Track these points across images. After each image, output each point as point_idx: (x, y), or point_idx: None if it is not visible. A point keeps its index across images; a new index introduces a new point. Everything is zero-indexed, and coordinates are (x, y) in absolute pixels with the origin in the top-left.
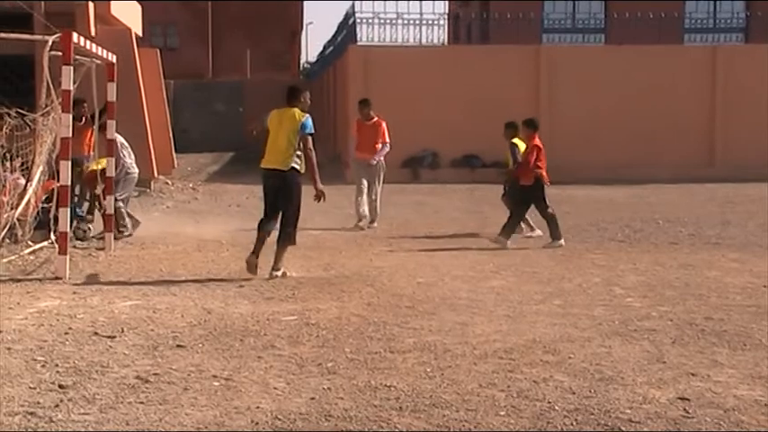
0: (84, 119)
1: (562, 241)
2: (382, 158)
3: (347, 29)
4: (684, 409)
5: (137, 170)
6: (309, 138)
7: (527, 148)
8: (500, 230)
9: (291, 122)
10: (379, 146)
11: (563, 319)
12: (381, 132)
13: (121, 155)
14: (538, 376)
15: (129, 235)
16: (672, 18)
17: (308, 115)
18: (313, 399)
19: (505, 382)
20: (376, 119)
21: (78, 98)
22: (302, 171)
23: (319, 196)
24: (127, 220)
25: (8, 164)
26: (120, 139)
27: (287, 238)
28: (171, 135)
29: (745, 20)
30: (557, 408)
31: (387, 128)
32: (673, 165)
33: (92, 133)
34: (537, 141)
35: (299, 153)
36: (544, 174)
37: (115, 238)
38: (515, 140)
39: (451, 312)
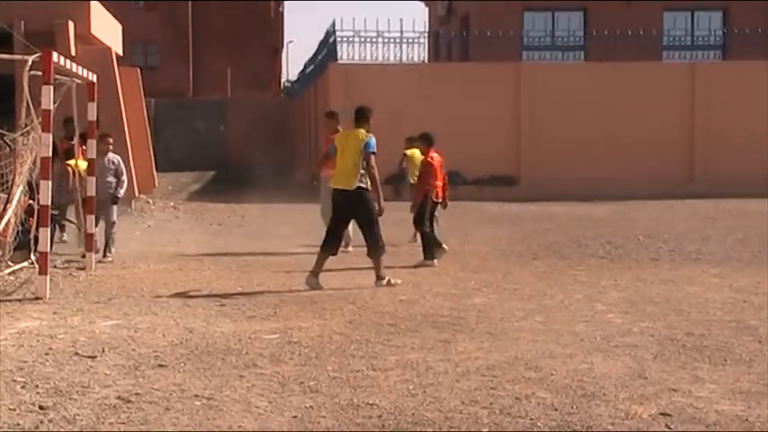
0: (72, 138)
1: (435, 262)
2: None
3: (328, 47)
4: (666, 425)
5: None
6: (372, 156)
7: (422, 162)
8: (423, 256)
9: (356, 142)
10: None
11: (545, 335)
12: None
13: (122, 172)
14: (520, 393)
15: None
16: (650, 35)
17: (371, 135)
18: (295, 417)
19: (488, 400)
20: None
21: (69, 117)
22: (369, 189)
23: (380, 213)
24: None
25: None
26: (116, 158)
27: (376, 250)
28: (152, 154)
29: (723, 37)
30: (539, 424)
31: None
32: (653, 181)
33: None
34: (431, 157)
35: (362, 172)
36: (434, 190)
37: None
38: (408, 152)
39: (433, 330)
